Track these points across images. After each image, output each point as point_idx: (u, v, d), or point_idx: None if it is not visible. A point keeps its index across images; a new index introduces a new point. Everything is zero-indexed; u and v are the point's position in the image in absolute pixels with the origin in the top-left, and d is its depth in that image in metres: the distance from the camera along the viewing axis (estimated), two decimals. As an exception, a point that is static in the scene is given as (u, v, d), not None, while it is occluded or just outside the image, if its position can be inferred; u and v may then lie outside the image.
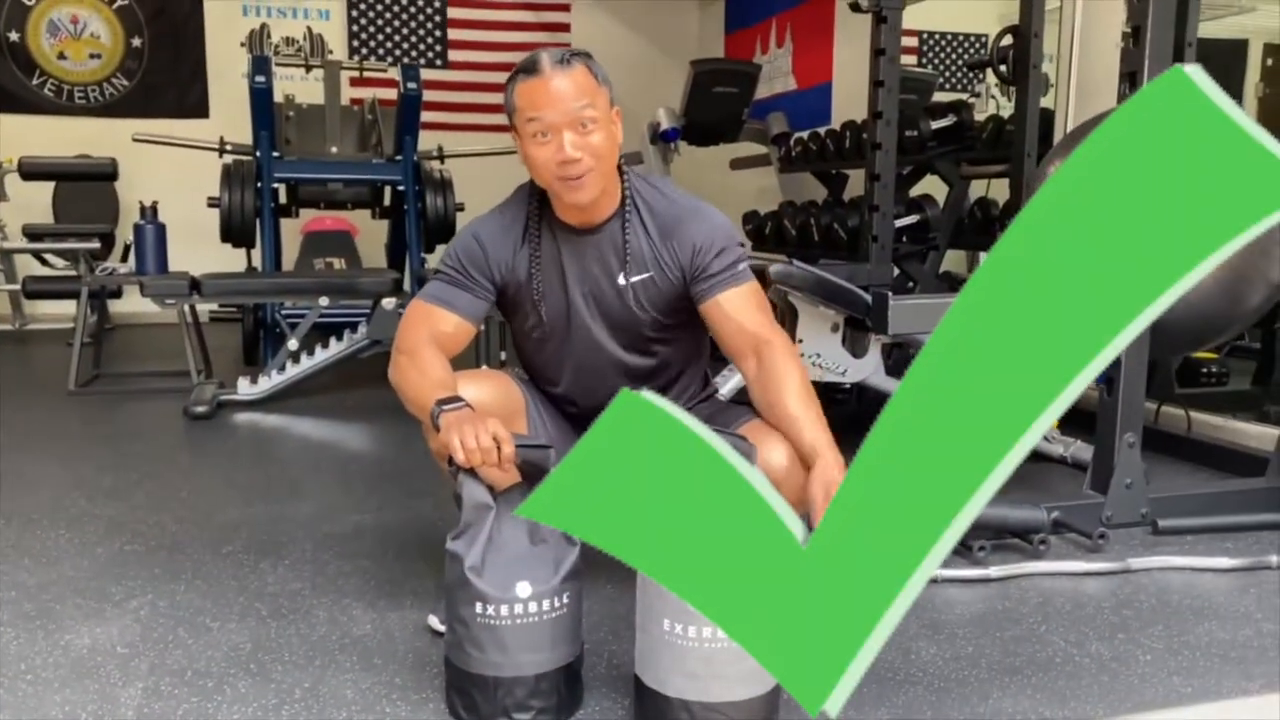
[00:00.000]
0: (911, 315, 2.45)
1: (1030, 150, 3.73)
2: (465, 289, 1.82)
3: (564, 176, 1.70)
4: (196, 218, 5.27)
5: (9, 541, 2.38)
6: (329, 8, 7.01)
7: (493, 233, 1.85)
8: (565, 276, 1.83)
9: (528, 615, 1.48)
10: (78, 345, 4.35)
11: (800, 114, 6.08)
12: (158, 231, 4.41)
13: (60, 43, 6.60)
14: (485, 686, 1.50)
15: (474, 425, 1.53)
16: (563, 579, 1.51)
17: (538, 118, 1.68)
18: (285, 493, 2.84)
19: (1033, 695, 1.66)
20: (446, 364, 1.76)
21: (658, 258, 1.80)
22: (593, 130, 1.69)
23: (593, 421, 1.92)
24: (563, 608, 1.51)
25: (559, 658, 1.52)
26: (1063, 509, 2.42)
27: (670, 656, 1.44)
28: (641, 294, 1.81)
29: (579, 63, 1.69)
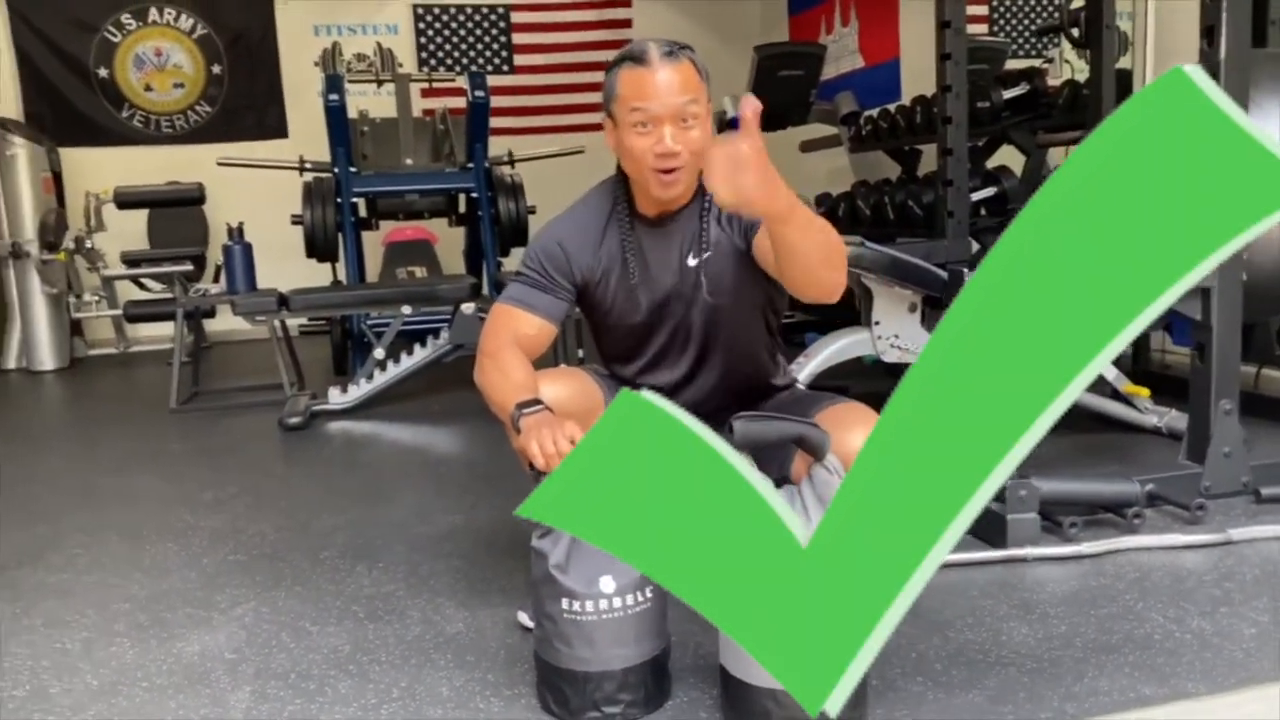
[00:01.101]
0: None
1: (1108, 114, 3.61)
2: (546, 290, 1.85)
3: (659, 169, 1.71)
4: (282, 235, 5.44)
5: (122, 556, 2.50)
6: (397, 21, 7.15)
7: (572, 233, 1.87)
8: (649, 267, 1.84)
9: (613, 610, 1.51)
10: (176, 365, 4.53)
11: (869, 92, 5.99)
12: (245, 251, 4.57)
13: (146, 75, 6.86)
14: (575, 681, 1.52)
15: (551, 429, 1.56)
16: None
17: (642, 108, 1.67)
18: (378, 497, 2.92)
19: (1130, 673, 1.62)
20: (528, 365, 1.79)
21: (725, 232, 1.80)
22: (693, 126, 1.68)
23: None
24: (647, 601, 1.53)
25: (645, 651, 1.54)
26: (1158, 481, 2.36)
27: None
28: (720, 273, 1.81)
29: (685, 56, 1.69)
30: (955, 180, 3.54)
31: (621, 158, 1.77)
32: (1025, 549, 2.13)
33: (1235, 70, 2.38)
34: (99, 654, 1.92)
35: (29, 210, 5.84)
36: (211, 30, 6.91)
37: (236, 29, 6.95)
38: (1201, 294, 2.43)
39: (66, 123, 6.70)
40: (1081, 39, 3.77)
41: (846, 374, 3.99)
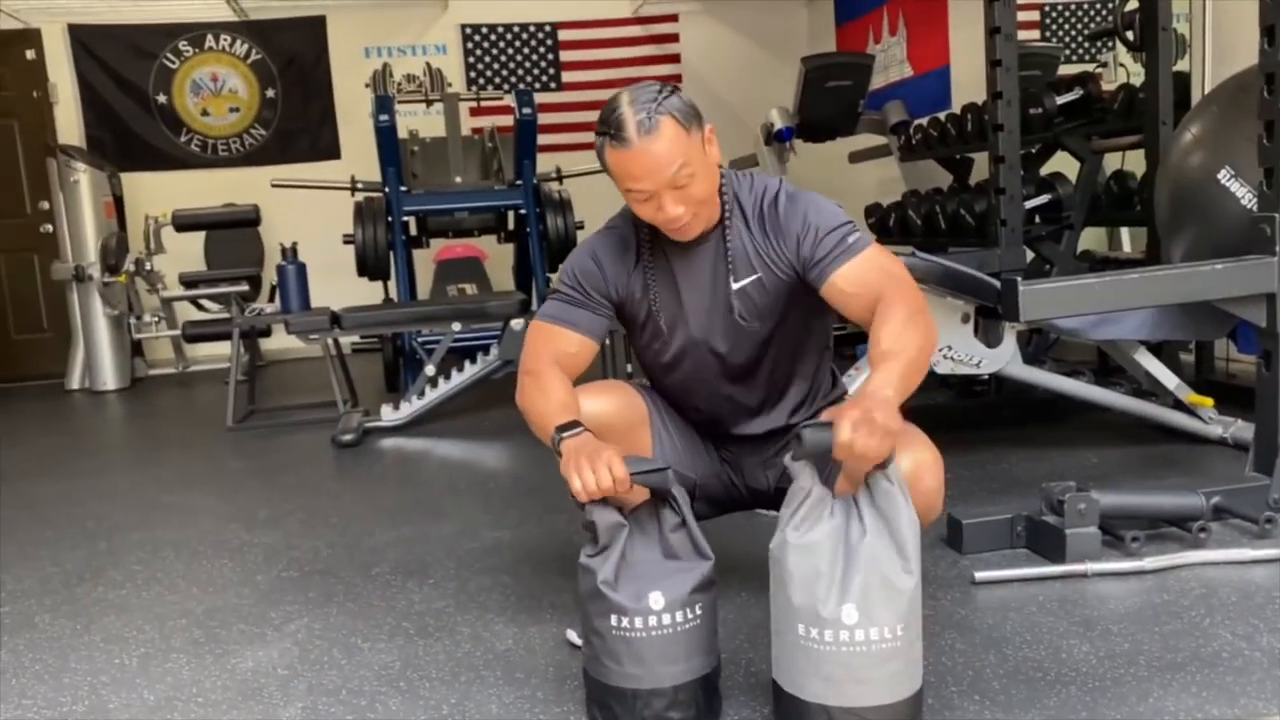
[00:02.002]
0: (1044, 300, 2.35)
1: (1165, 118, 3.54)
2: (584, 307, 1.84)
3: (669, 229, 1.73)
4: (335, 254, 5.51)
5: (179, 572, 2.54)
6: (445, 42, 7.23)
7: (608, 250, 1.86)
8: (679, 290, 1.83)
9: (662, 627, 1.49)
10: (233, 384, 4.61)
11: (919, 101, 5.93)
12: (299, 271, 4.63)
13: (203, 100, 7.01)
14: (624, 698, 1.51)
15: (590, 459, 1.54)
16: (694, 589, 1.51)
17: (634, 188, 1.68)
18: (428, 513, 2.93)
19: (1198, 693, 1.57)
20: (568, 385, 1.77)
21: (764, 256, 1.77)
22: (691, 184, 1.67)
23: (716, 428, 1.90)
24: (696, 619, 1.52)
25: (696, 668, 1.52)
26: (1224, 494, 2.29)
27: (807, 661, 1.43)
28: (754, 296, 1.79)
29: (663, 117, 1.63)
30: (1008, 188, 3.48)
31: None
32: (1085, 564, 2.08)
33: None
34: (155, 670, 1.94)
35: (91, 234, 5.98)
36: (266, 55, 7.05)
37: (290, 53, 7.07)
38: (1267, 300, 2.35)
39: (127, 148, 6.87)
40: (1136, 42, 3.69)
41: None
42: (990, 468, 2.96)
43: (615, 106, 1.68)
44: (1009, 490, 2.73)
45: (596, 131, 1.71)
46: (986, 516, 2.28)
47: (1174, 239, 2.84)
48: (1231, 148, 2.60)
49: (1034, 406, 3.49)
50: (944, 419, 3.56)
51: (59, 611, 2.29)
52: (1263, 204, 2.36)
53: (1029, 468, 2.94)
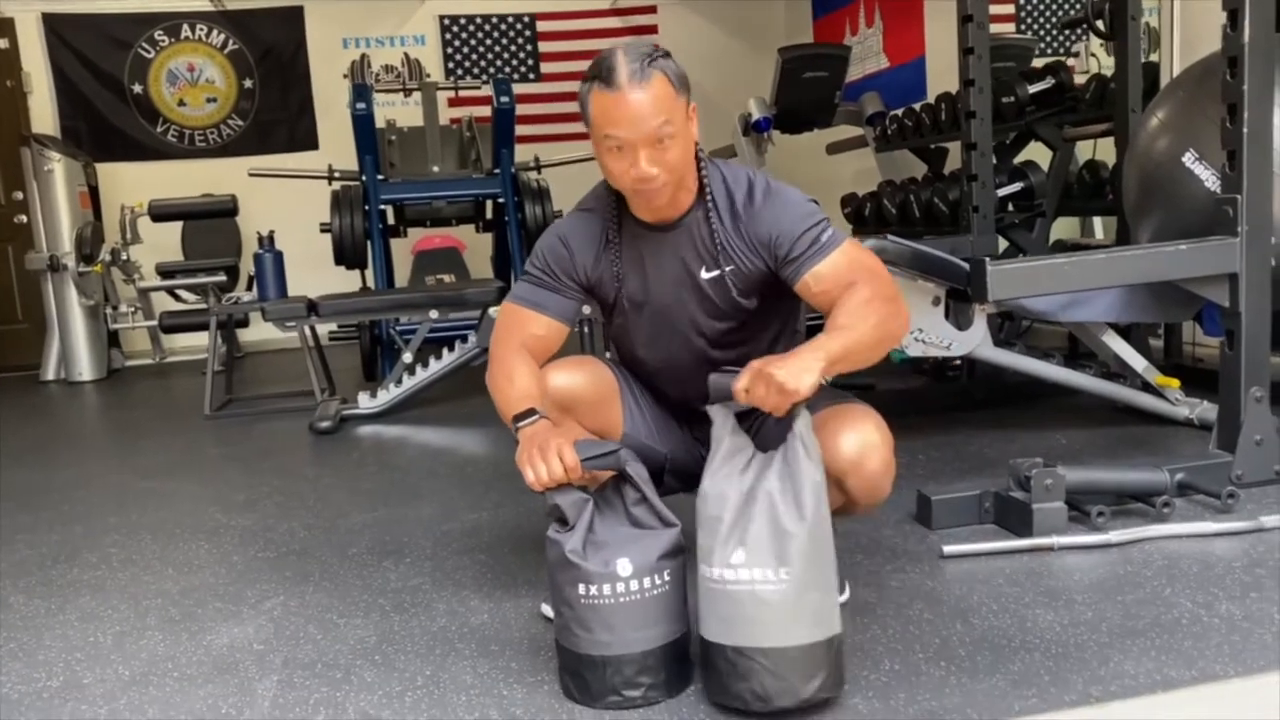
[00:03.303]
0: (1012, 279, 2.38)
1: (1135, 105, 3.59)
2: (553, 290, 1.83)
3: (638, 190, 1.71)
4: (313, 244, 5.50)
5: (155, 554, 2.54)
6: (424, 32, 7.22)
7: (577, 232, 1.85)
8: (647, 275, 1.83)
9: (629, 593, 1.51)
10: (210, 373, 4.59)
11: (895, 92, 5.97)
12: (276, 259, 4.63)
13: (179, 90, 6.98)
14: (594, 666, 1.53)
15: (541, 450, 1.56)
16: (661, 555, 1.53)
17: (613, 135, 1.65)
18: (406, 497, 2.94)
19: (1156, 657, 1.61)
20: (533, 369, 1.78)
21: (738, 248, 1.77)
22: (669, 146, 1.65)
23: (688, 408, 1.92)
24: (664, 584, 1.54)
25: (665, 634, 1.55)
26: (1188, 470, 2.33)
27: (708, 601, 1.49)
28: (727, 285, 1.79)
29: (656, 71, 1.63)
30: (980, 175, 3.53)
31: (604, 174, 1.76)
32: (1052, 538, 2.11)
33: (1259, 56, 2.35)
34: (130, 646, 1.95)
35: (66, 224, 5.95)
36: (243, 45, 7.02)
37: (267, 44, 7.04)
38: (1230, 280, 2.40)
39: (102, 138, 6.83)
40: (1107, 31, 3.74)
41: (873, 371, 3.98)
42: (961, 448, 3.00)
43: (609, 55, 1.66)
44: (979, 469, 2.77)
45: (584, 79, 1.69)
46: (955, 492, 2.31)
47: (1141, 222, 2.88)
48: (1196, 131, 2.64)
49: (1005, 391, 3.53)
50: (917, 402, 3.60)
51: (34, 592, 2.29)
52: (1225, 185, 2.41)
53: (999, 448, 2.98)
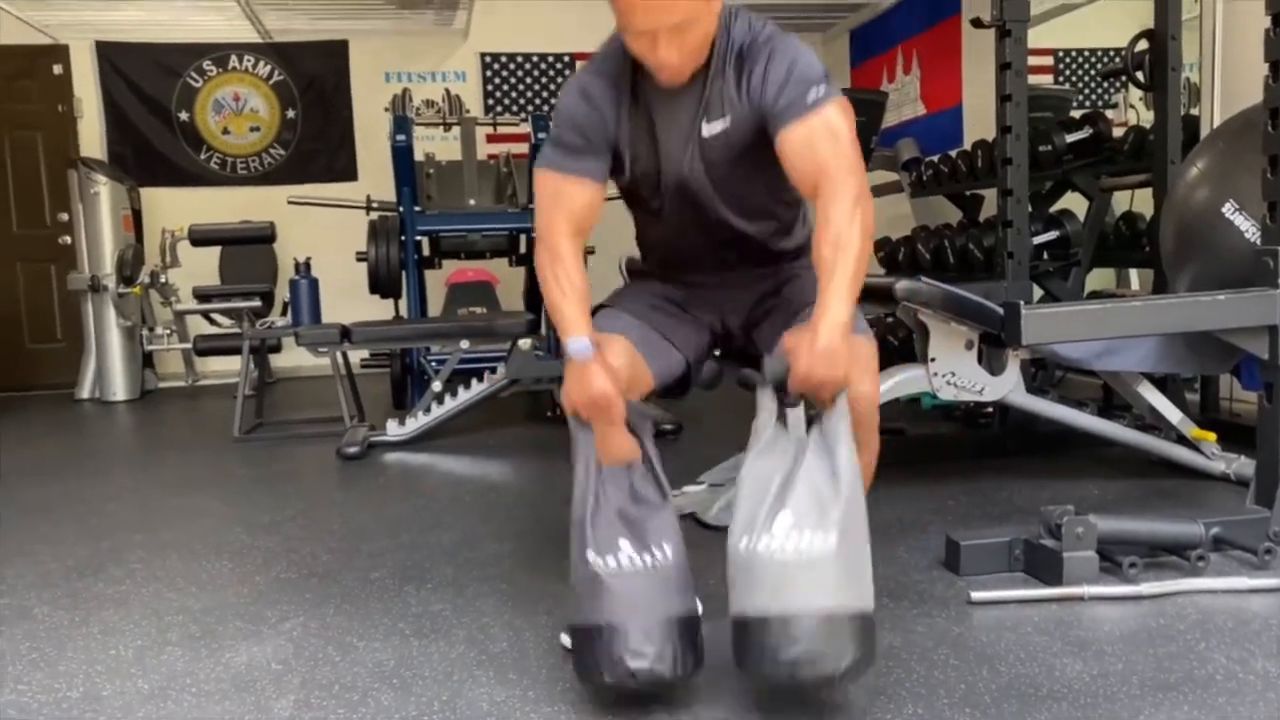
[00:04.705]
0: (1046, 324, 2.36)
1: (1174, 157, 3.56)
2: (584, 153, 1.80)
3: (658, 71, 1.72)
4: (348, 273, 5.56)
5: (178, 571, 2.55)
6: (465, 69, 7.32)
7: (598, 89, 1.81)
8: (656, 132, 1.82)
9: (634, 567, 1.58)
10: (241, 396, 4.63)
11: (931, 139, 5.98)
12: (311, 286, 4.68)
13: (224, 119, 7.12)
14: (600, 636, 1.57)
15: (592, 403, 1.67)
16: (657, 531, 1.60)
17: (633, 27, 1.66)
18: (430, 523, 2.94)
19: (1189, 712, 1.57)
20: (580, 269, 1.78)
21: (736, 100, 1.75)
22: (689, 31, 1.66)
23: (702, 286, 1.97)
24: (667, 559, 1.59)
25: (669, 608, 1.58)
26: (1223, 524, 2.28)
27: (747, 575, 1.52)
28: (725, 139, 1.78)
29: None
30: (1015, 221, 3.52)
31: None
32: (1082, 587, 2.07)
33: (1302, 106, 2.34)
34: (151, 660, 1.95)
35: (108, 246, 6.05)
36: (288, 77, 7.15)
37: (311, 76, 7.17)
38: (1270, 332, 2.37)
39: (147, 163, 6.96)
40: (1146, 82, 3.73)
41: (904, 415, 3.95)
42: (991, 495, 2.96)
43: None
44: (1009, 516, 2.72)
45: None
46: (985, 538, 2.28)
47: (1179, 272, 2.85)
48: (1236, 182, 2.62)
49: (1037, 439, 3.48)
50: (948, 448, 3.57)
51: (58, 604, 2.31)
52: (1266, 237, 2.38)
53: (1030, 496, 2.93)
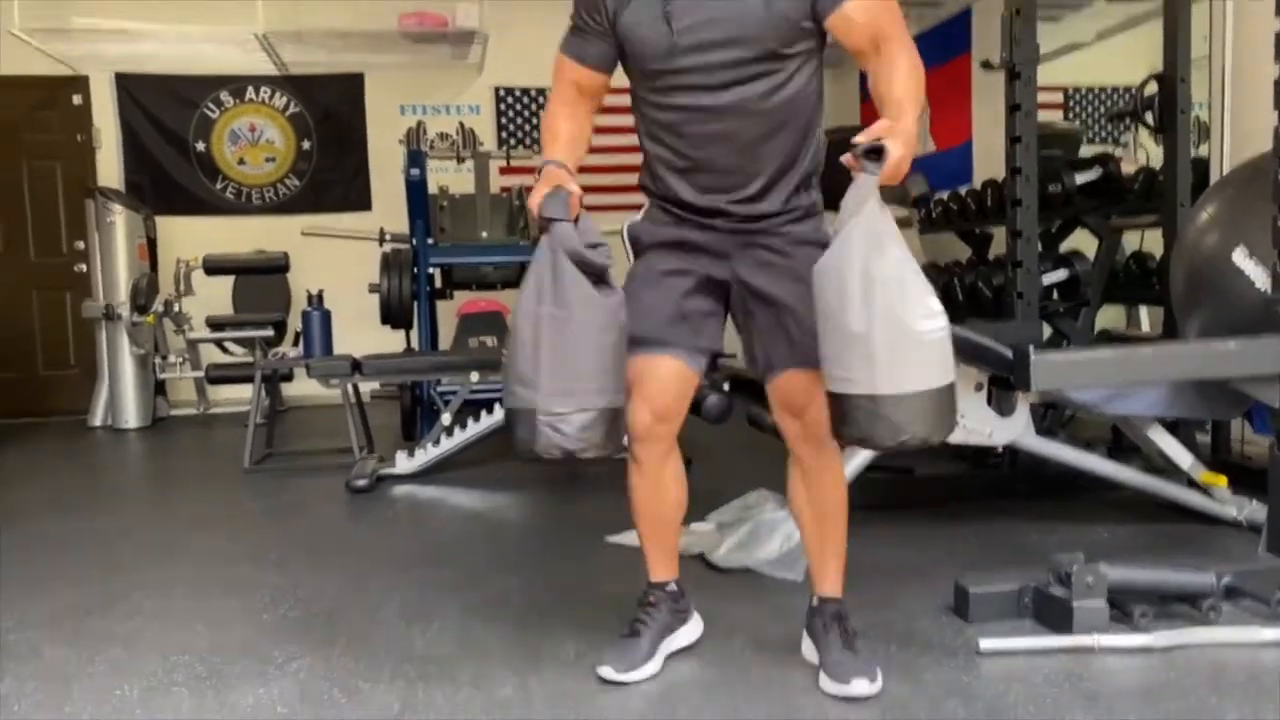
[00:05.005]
0: (1056, 370, 2.36)
1: (1183, 200, 3.57)
2: (589, 36, 1.99)
3: None
4: (361, 303, 5.57)
5: (185, 609, 2.55)
6: (479, 103, 7.38)
7: None
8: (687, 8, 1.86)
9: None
10: (251, 426, 4.64)
11: (941, 175, 5.99)
12: (323, 317, 4.71)
13: (240, 149, 7.17)
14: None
15: (550, 181, 1.93)
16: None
17: None
18: (437, 560, 2.94)
19: (1200, 770, 1.55)
20: (574, 121, 2.07)
21: None
22: None
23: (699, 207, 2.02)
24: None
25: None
26: (1236, 573, 2.27)
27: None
28: (771, 10, 1.82)
29: None
30: (1024, 262, 3.53)
31: None
32: (1093, 637, 2.06)
33: (1312, 154, 2.34)
34: (157, 702, 1.95)
35: (123, 274, 6.09)
36: (304, 108, 7.21)
37: (327, 107, 7.23)
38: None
39: (164, 192, 7.01)
40: (1156, 125, 3.74)
41: (913, 455, 3.93)
42: (1000, 539, 2.95)
43: None
44: (1019, 561, 2.70)
45: None
46: (994, 585, 2.27)
47: (1189, 316, 2.85)
48: (1245, 229, 2.62)
49: (1047, 481, 3.46)
50: (957, 489, 3.55)
51: (65, 643, 2.31)
52: (1276, 285, 2.38)
53: (1039, 540, 2.92)
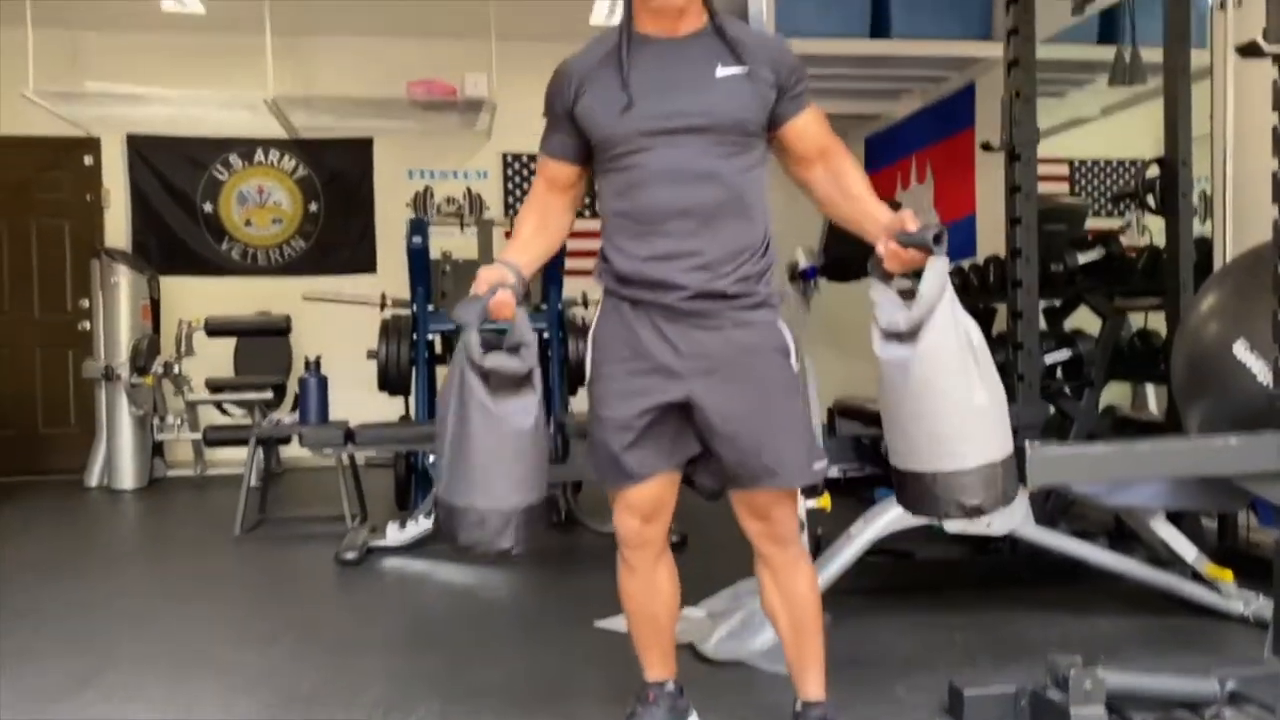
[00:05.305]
0: (1054, 466, 2.31)
1: (1185, 283, 3.53)
2: (557, 129, 1.96)
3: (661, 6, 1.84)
4: (360, 366, 5.53)
5: (160, 694, 2.49)
6: (486, 168, 7.43)
7: (578, 56, 1.94)
8: (660, 84, 1.86)
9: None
10: (244, 493, 4.60)
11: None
12: (320, 384, 4.69)
13: (247, 211, 7.22)
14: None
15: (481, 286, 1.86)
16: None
17: None
18: (421, 644, 2.88)
19: None
20: (540, 215, 2.01)
21: (751, 62, 1.87)
22: None
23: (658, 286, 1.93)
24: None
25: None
26: (1240, 679, 2.19)
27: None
28: (745, 85, 1.86)
29: None
30: (1026, 344, 3.49)
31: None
32: (1091, 748, 1.98)
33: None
34: (119, 800, 1.89)
35: (125, 335, 6.11)
36: (312, 171, 7.27)
37: (335, 171, 7.29)
38: (1283, 478, 2.31)
39: (170, 252, 7.04)
40: (1157, 207, 3.72)
41: (913, 538, 3.86)
42: (999, 630, 2.87)
43: None
44: (1017, 655, 2.63)
45: None
46: (990, 688, 2.20)
47: (1190, 406, 2.80)
48: (1247, 321, 2.58)
49: (1048, 567, 3.38)
50: (956, 574, 3.47)
51: (33, 728, 2.25)
52: (1278, 380, 2.33)
53: (1039, 632, 2.84)
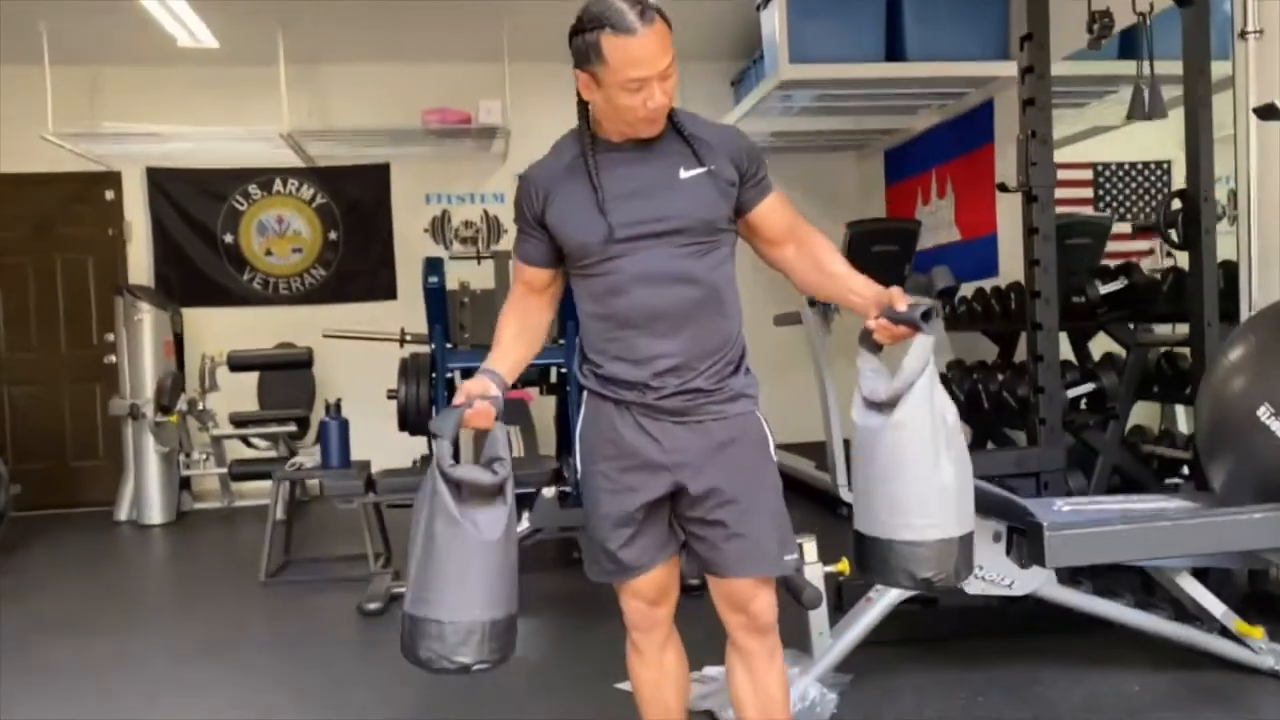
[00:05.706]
0: (1073, 546, 2.26)
1: (1210, 320, 3.45)
2: (529, 237, 1.98)
3: (649, 119, 1.83)
4: (382, 395, 5.55)
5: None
6: (503, 191, 7.41)
7: (543, 166, 1.95)
8: (628, 181, 1.87)
9: None
10: (268, 536, 4.61)
11: (965, 265, 5.90)
12: (340, 428, 4.70)
13: (267, 241, 7.26)
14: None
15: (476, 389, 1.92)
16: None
17: (635, 76, 1.77)
18: (438, 706, 2.88)
19: None
20: (521, 317, 2.09)
21: (711, 160, 1.88)
22: (670, 75, 1.81)
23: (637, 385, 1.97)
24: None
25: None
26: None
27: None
28: (709, 183, 1.87)
29: (655, 13, 1.77)
30: (1046, 387, 3.44)
31: (604, 111, 1.84)
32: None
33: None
34: None
35: (149, 371, 6.16)
36: (330, 199, 7.29)
37: (353, 198, 7.31)
38: (1310, 549, 2.25)
39: (191, 284, 7.09)
40: (1179, 241, 3.64)
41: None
42: (1024, 690, 2.83)
43: (603, 4, 1.76)
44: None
45: (582, 30, 1.77)
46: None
47: (1213, 464, 2.74)
48: (1271, 383, 2.53)
49: (1074, 619, 3.33)
50: (981, 624, 3.41)
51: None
52: (1303, 448, 2.28)
53: (1065, 690, 2.80)
